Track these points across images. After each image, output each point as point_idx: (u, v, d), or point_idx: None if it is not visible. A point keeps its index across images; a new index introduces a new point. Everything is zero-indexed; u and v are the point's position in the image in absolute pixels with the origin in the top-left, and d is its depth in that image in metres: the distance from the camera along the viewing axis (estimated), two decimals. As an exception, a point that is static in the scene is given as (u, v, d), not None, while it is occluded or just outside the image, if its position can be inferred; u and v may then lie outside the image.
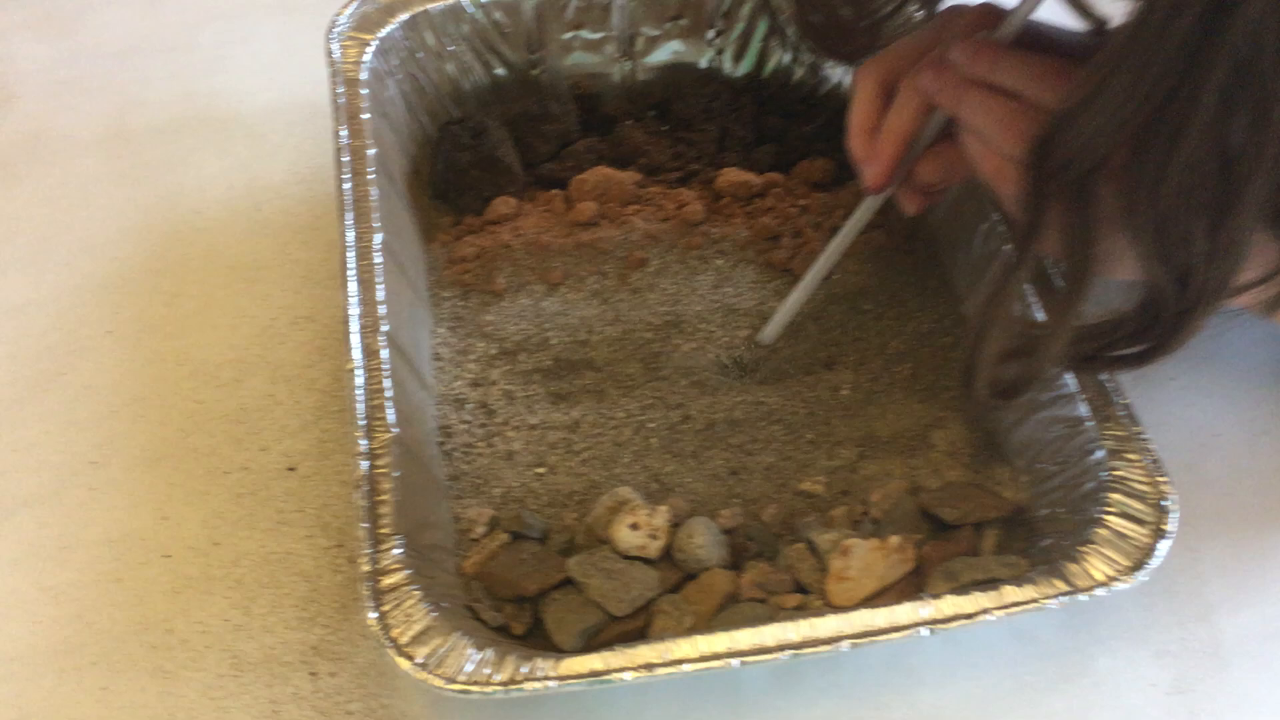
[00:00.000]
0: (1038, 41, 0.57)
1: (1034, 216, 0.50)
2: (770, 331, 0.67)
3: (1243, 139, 0.42)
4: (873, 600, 0.56)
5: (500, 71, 0.79)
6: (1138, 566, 0.52)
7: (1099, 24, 0.60)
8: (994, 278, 0.54)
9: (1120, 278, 0.51)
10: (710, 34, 0.80)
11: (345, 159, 0.66)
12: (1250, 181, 0.43)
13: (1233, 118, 0.42)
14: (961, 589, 0.53)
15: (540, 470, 0.62)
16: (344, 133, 0.67)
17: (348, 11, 0.74)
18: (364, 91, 0.70)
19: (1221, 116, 0.42)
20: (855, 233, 0.64)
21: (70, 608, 0.60)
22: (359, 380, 0.57)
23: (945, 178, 0.60)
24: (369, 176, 0.66)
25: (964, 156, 0.57)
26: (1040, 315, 0.61)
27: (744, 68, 0.81)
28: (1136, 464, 0.56)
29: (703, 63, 0.81)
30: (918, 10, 0.66)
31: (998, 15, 0.57)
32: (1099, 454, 0.57)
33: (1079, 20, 0.61)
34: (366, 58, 0.72)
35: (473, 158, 0.73)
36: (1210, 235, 0.45)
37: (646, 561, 0.58)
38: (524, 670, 0.49)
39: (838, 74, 0.79)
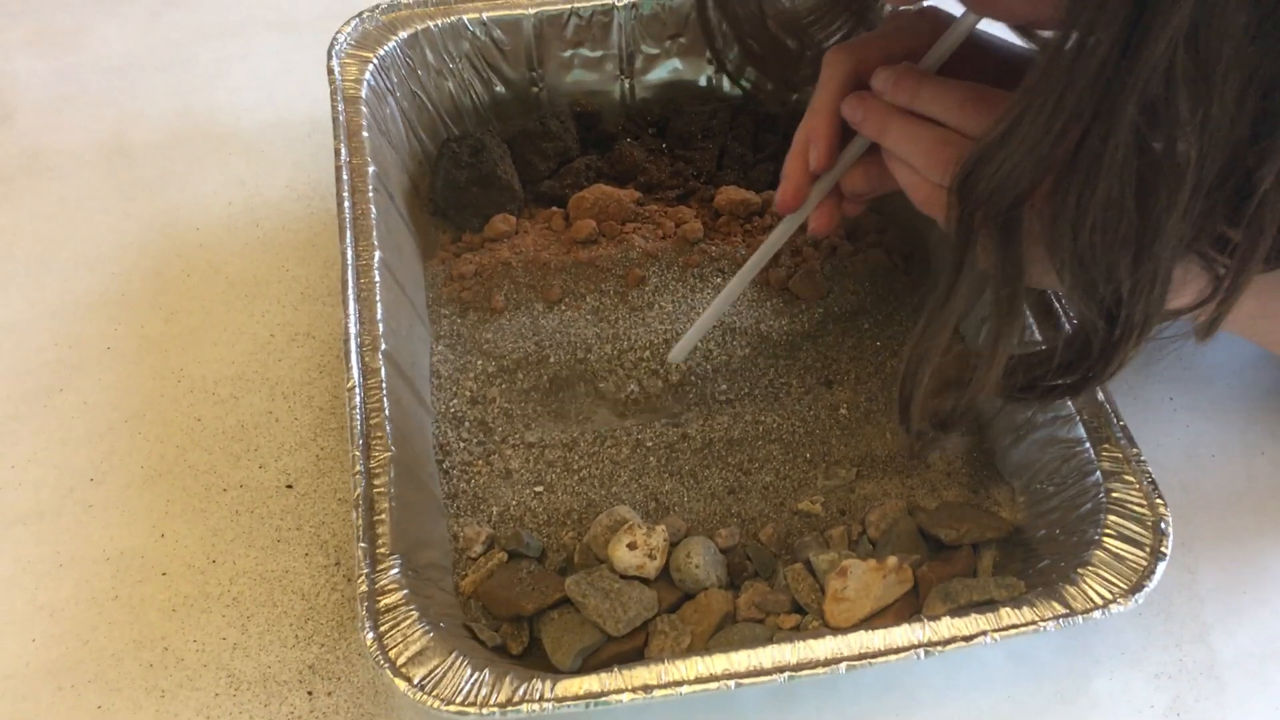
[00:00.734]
0: (982, 54, 0.57)
1: (963, 246, 0.50)
2: (679, 351, 0.66)
3: (1159, 176, 0.42)
4: (870, 621, 0.56)
5: (500, 89, 0.79)
6: (1135, 589, 0.52)
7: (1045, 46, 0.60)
8: (929, 307, 0.54)
9: (1056, 289, 0.50)
10: (709, 52, 0.80)
11: (345, 177, 0.66)
12: (1168, 217, 0.43)
13: (1148, 156, 0.42)
14: (959, 610, 0.54)
15: (538, 489, 0.63)
16: (344, 151, 0.68)
17: (348, 29, 0.74)
18: (364, 109, 0.70)
19: (1137, 154, 0.42)
20: (770, 254, 0.62)
21: (67, 625, 0.60)
22: (357, 399, 0.57)
23: (875, 187, 0.59)
24: (368, 195, 0.66)
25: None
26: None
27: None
28: (1134, 486, 0.56)
29: (701, 81, 0.81)
30: None
31: (944, 20, 0.56)
32: (1096, 475, 0.57)
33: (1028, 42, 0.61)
34: (367, 75, 0.72)
35: (472, 175, 0.73)
36: (1133, 269, 0.45)
37: (644, 581, 0.58)
38: (521, 691, 0.49)
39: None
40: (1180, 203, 0.43)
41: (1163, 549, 0.54)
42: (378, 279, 0.62)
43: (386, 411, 0.58)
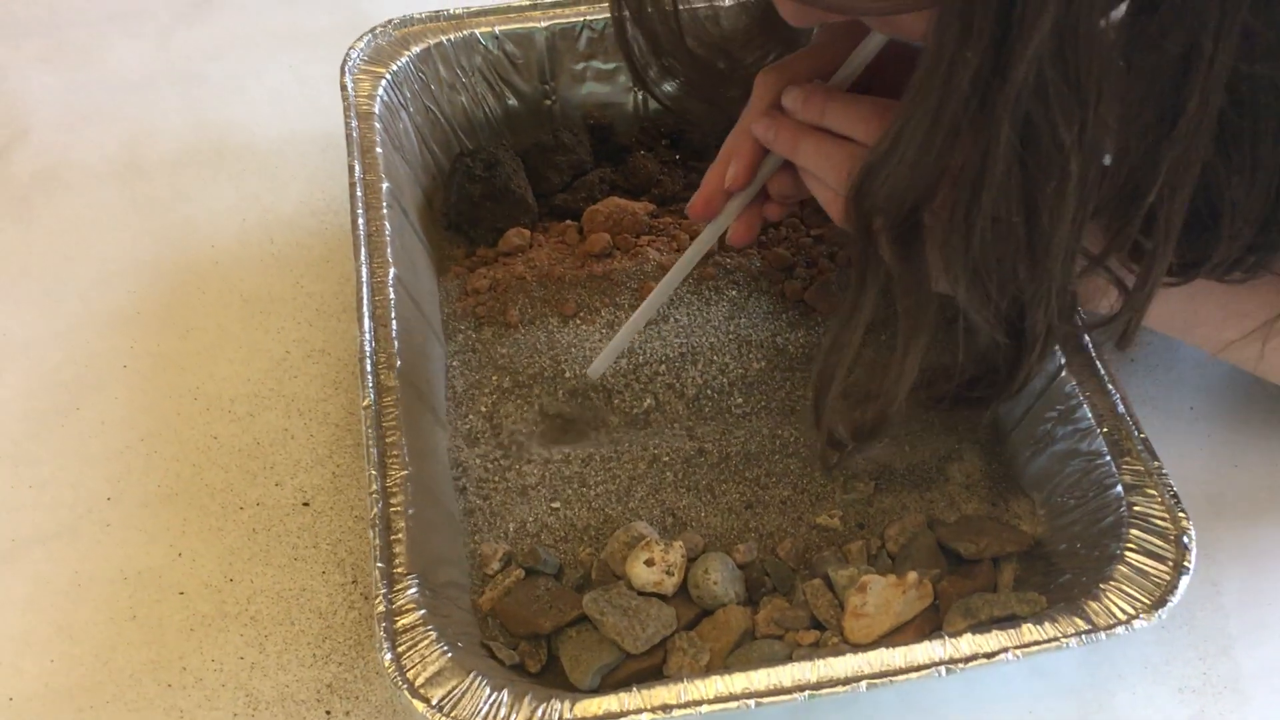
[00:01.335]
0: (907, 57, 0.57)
1: (865, 256, 0.50)
2: (597, 367, 0.64)
3: (1041, 191, 0.43)
4: (890, 637, 0.56)
5: (513, 102, 0.79)
6: (1159, 604, 0.52)
7: None
8: (837, 318, 0.54)
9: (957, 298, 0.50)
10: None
11: (359, 194, 0.66)
12: (1056, 230, 0.44)
13: (1030, 170, 0.42)
14: (980, 626, 0.53)
15: (555, 505, 0.62)
16: (358, 167, 0.67)
17: (361, 44, 0.74)
18: (377, 125, 0.70)
19: (1020, 169, 0.42)
20: (690, 265, 0.61)
21: (85, 646, 0.60)
22: (372, 418, 0.57)
23: (801, 190, 0.59)
24: (382, 211, 0.66)
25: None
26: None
27: (756, 96, 0.81)
28: (1155, 500, 0.55)
29: (715, 91, 0.81)
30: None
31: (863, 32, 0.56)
32: (1117, 489, 0.56)
33: None
34: (380, 91, 0.72)
35: (485, 189, 0.73)
36: (1029, 281, 0.46)
37: (662, 598, 0.57)
38: (540, 712, 0.49)
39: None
40: (1065, 217, 0.43)
41: (1185, 563, 0.53)
42: (392, 296, 0.62)
43: (402, 430, 0.57)
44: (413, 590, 0.52)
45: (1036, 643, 0.51)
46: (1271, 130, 0.46)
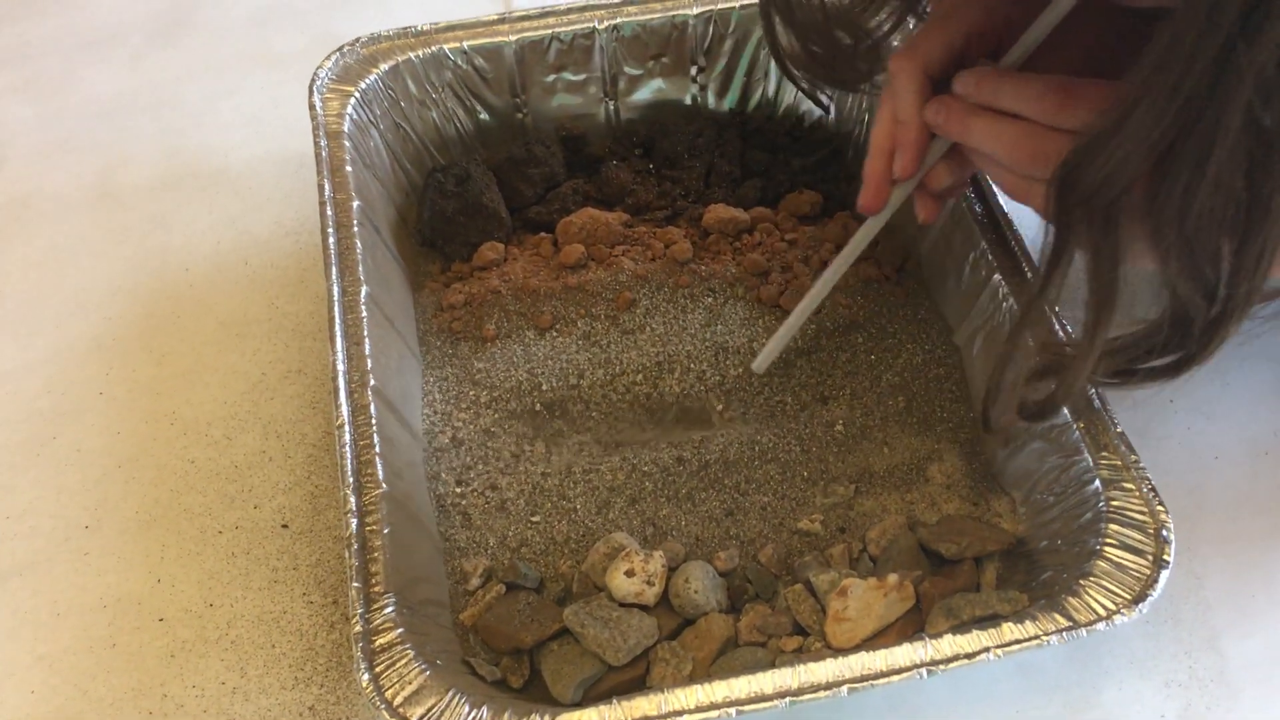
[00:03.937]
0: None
1: (1061, 242, 0.49)
2: (762, 360, 0.66)
3: (1271, 153, 0.42)
4: (873, 640, 0.55)
5: (484, 116, 0.79)
6: (1139, 599, 0.51)
7: None
8: (1026, 298, 0.55)
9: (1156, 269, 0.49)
10: (693, 70, 0.79)
11: (329, 213, 0.66)
12: (1275, 196, 0.43)
13: (1259, 134, 0.41)
14: (961, 626, 0.53)
15: (534, 518, 0.62)
16: (327, 186, 0.67)
17: (329, 63, 0.74)
18: (347, 144, 0.70)
19: (1247, 135, 0.41)
20: (854, 257, 0.62)
21: (66, 675, 0.59)
22: (347, 438, 0.57)
23: (956, 182, 0.59)
24: (354, 229, 0.66)
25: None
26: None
27: (728, 103, 0.81)
28: (1133, 493, 0.55)
29: (686, 99, 0.81)
30: (914, 25, 0.66)
31: None
32: (1095, 484, 0.56)
33: None
34: (349, 109, 0.72)
35: (458, 205, 0.73)
36: (1240, 248, 0.45)
37: (643, 608, 0.57)
38: (520, 728, 0.49)
39: (821, 107, 0.80)
40: None
41: (1165, 557, 0.53)
42: (365, 314, 0.62)
43: (377, 448, 0.57)
44: (390, 609, 0.52)
45: (1017, 641, 0.50)
46: None
